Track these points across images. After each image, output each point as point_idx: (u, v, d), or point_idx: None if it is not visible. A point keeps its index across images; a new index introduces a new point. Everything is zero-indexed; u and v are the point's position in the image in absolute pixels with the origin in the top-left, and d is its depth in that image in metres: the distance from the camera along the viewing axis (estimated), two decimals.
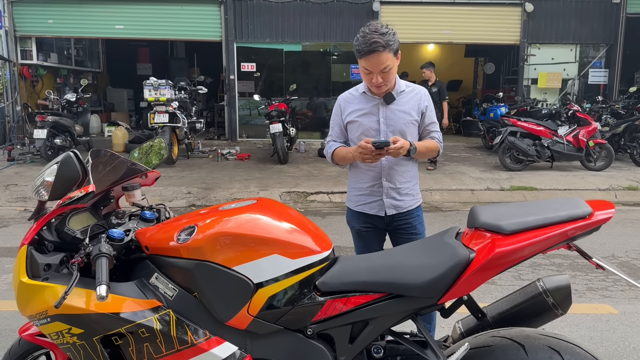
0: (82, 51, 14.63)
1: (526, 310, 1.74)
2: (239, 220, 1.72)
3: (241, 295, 1.64)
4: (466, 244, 1.64)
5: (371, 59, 2.23)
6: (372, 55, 2.21)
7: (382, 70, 2.26)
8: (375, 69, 2.26)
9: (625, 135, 9.46)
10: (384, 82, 2.31)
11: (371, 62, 2.24)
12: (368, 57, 2.23)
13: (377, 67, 2.25)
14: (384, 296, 1.66)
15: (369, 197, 2.51)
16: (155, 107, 8.98)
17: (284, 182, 7.72)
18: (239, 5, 11.79)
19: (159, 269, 1.72)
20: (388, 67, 2.26)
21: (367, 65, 2.26)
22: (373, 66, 2.25)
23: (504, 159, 8.70)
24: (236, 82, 12.18)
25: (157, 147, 2.45)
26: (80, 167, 1.72)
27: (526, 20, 11.92)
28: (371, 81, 2.31)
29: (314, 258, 1.69)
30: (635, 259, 4.61)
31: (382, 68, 2.25)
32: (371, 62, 2.24)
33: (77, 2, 11.60)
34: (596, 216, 1.56)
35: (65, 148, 8.84)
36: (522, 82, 12.38)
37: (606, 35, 12.11)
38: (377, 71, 2.26)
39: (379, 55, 2.21)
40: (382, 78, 2.29)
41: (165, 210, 2.06)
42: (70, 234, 1.79)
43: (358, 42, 2.24)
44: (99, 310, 1.64)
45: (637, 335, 3.22)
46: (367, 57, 2.22)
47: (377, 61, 2.23)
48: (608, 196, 7.18)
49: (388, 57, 2.23)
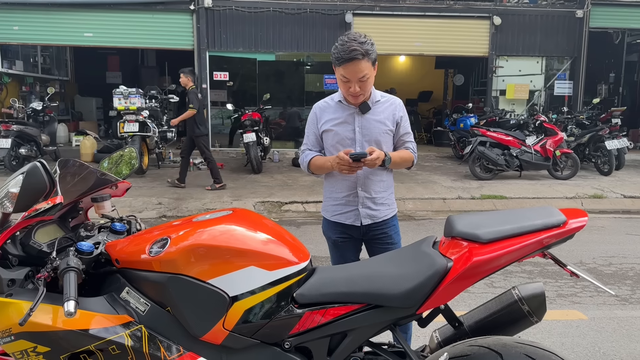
0: (49, 59, 14.29)
1: (502, 318, 1.75)
2: (214, 231, 1.68)
3: (216, 309, 1.59)
4: (443, 252, 1.64)
5: (350, 66, 2.23)
6: (351, 63, 2.22)
7: (360, 79, 2.27)
8: (354, 77, 2.26)
9: (589, 145, 9.77)
10: (361, 92, 2.32)
11: (350, 69, 2.24)
12: (347, 65, 2.23)
13: (355, 75, 2.25)
14: (363, 307, 1.64)
15: (344, 207, 2.50)
16: (125, 116, 8.82)
17: (257, 192, 7.66)
18: (211, 14, 11.73)
19: (130, 283, 1.66)
20: (366, 76, 2.26)
21: (345, 73, 2.26)
22: (351, 74, 2.25)
23: (474, 168, 8.87)
24: (208, 91, 12.08)
25: (128, 156, 2.39)
26: (48, 177, 1.66)
27: (494, 33, 12.24)
28: (349, 90, 2.31)
29: (292, 269, 1.67)
30: (602, 265, 4.73)
31: (360, 76, 2.26)
32: (350, 70, 2.24)
33: (44, 9, 11.33)
34: (570, 224, 1.59)
35: (31, 158, 8.59)
36: (491, 93, 12.69)
37: (570, 48, 12.54)
38: (355, 79, 2.27)
39: (357, 63, 2.21)
40: (360, 87, 2.29)
41: (136, 222, 2.00)
42: (36, 248, 1.71)
43: (337, 50, 2.24)
44: (66, 327, 1.57)
45: (606, 340, 3.30)
46: (346, 64, 2.23)
47: (356, 69, 2.23)
48: (574, 204, 7.38)
49: (366, 66, 2.24)
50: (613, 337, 3.33)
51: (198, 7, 11.58)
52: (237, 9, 11.76)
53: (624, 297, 4.04)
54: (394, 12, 12.06)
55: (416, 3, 12.30)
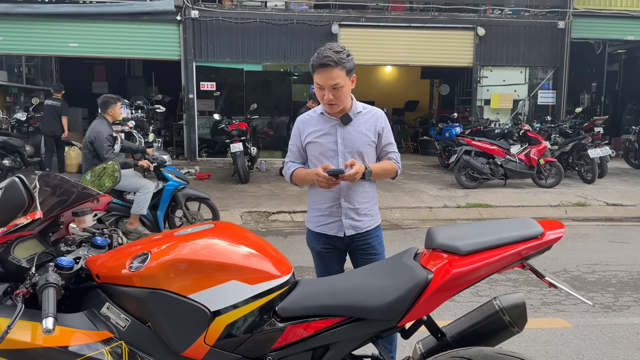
0: (34, 69, 14.16)
1: (484, 329, 1.77)
2: (195, 245, 1.67)
3: (197, 324, 1.59)
4: (424, 264, 1.66)
5: (322, 72, 2.29)
6: (324, 70, 2.28)
7: (333, 87, 2.31)
8: (326, 83, 2.30)
9: (573, 154, 9.92)
10: (335, 100, 2.35)
11: (322, 76, 2.30)
12: (319, 71, 2.29)
13: (327, 81, 2.30)
14: (345, 320, 1.65)
15: (328, 218, 2.51)
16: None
17: (245, 202, 7.63)
18: (198, 24, 11.74)
19: (110, 298, 1.65)
20: (339, 84, 2.31)
21: (318, 79, 2.32)
22: (323, 80, 2.30)
23: (459, 177, 8.94)
24: (195, 101, 12.06)
25: (111, 169, 2.38)
26: (26, 192, 1.64)
27: (478, 43, 12.42)
28: (323, 97, 2.36)
29: (274, 283, 1.67)
30: (585, 273, 4.79)
31: (332, 84, 2.30)
32: (322, 76, 2.30)
33: (29, 19, 11.25)
34: (547, 236, 1.61)
35: (15, 169, 8.49)
36: (476, 103, 12.84)
37: (553, 58, 12.76)
38: (327, 87, 2.31)
39: (330, 70, 2.27)
40: (334, 95, 2.33)
41: (118, 236, 1.99)
42: (15, 263, 1.69)
43: (313, 58, 2.33)
44: (45, 344, 1.55)
45: (589, 348, 3.33)
46: (319, 70, 2.29)
47: (328, 76, 2.28)
48: (559, 212, 7.47)
49: (339, 74, 2.29)
50: (596, 345, 3.37)
51: (185, 17, 11.59)
52: (223, 20, 11.79)
53: (607, 304, 4.09)
54: (380, 23, 12.19)
55: (402, 14, 12.45)
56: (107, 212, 5.59)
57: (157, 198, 5.77)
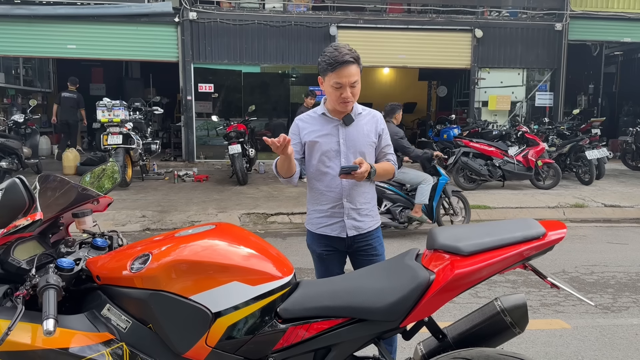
0: (32, 70, 14.13)
1: (485, 329, 1.77)
2: (196, 246, 1.67)
3: (199, 325, 1.58)
4: (426, 265, 1.65)
5: (344, 70, 2.28)
6: (346, 67, 2.27)
7: (352, 84, 2.31)
8: (347, 81, 2.30)
9: (570, 155, 9.94)
10: (351, 98, 2.36)
11: (343, 73, 2.28)
12: (341, 69, 2.27)
13: (348, 79, 2.29)
14: (347, 321, 1.64)
15: (330, 219, 2.50)
16: (108, 128, 8.74)
17: (243, 204, 7.62)
18: (196, 26, 11.74)
19: (111, 299, 1.64)
20: (357, 82, 2.33)
21: (338, 78, 2.29)
22: (345, 78, 2.29)
23: (458, 179, 8.95)
24: (193, 103, 12.05)
25: (110, 170, 2.38)
26: (27, 193, 1.64)
27: (476, 45, 12.44)
28: (341, 96, 2.34)
29: (275, 284, 1.66)
30: (584, 274, 4.79)
31: (353, 81, 2.31)
32: (343, 74, 2.28)
33: (26, 21, 11.22)
34: (549, 236, 1.61)
35: (12, 171, 8.45)
36: (474, 105, 12.86)
37: (550, 60, 12.80)
38: (348, 84, 2.31)
39: (350, 67, 2.28)
40: (352, 93, 2.33)
41: (118, 237, 1.98)
42: (15, 265, 1.68)
43: (328, 57, 2.29)
44: (46, 346, 1.55)
45: (589, 349, 3.33)
46: (340, 68, 2.27)
47: (349, 73, 2.28)
48: (557, 213, 7.48)
49: (357, 71, 2.32)
50: (596, 346, 3.37)
51: (183, 19, 11.58)
52: (222, 22, 11.79)
53: (606, 305, 4.09)
54: (378, 25, 12.20)
55: (399, 16, 12.47)
56: (393, 203, 6.17)
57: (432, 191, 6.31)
